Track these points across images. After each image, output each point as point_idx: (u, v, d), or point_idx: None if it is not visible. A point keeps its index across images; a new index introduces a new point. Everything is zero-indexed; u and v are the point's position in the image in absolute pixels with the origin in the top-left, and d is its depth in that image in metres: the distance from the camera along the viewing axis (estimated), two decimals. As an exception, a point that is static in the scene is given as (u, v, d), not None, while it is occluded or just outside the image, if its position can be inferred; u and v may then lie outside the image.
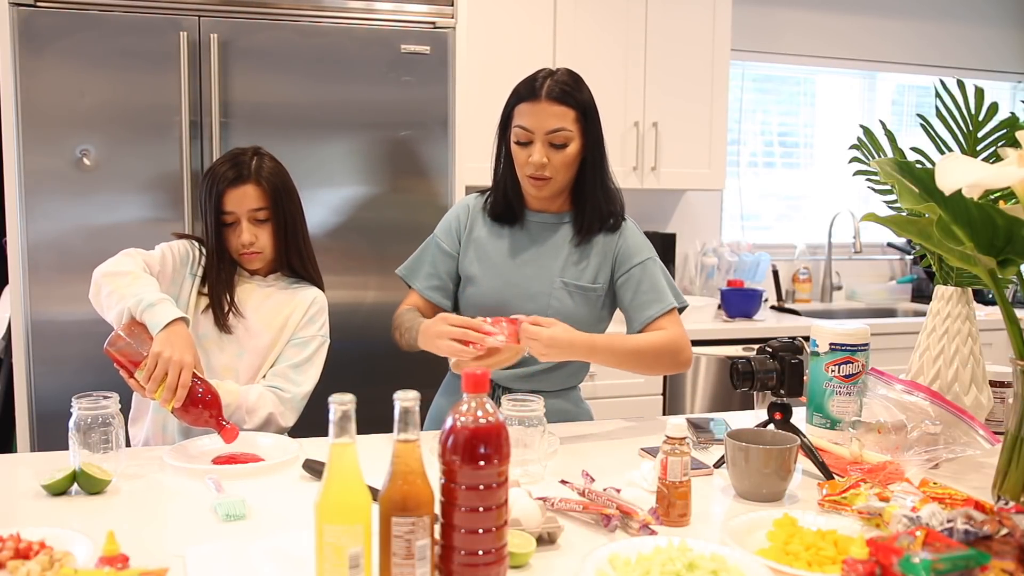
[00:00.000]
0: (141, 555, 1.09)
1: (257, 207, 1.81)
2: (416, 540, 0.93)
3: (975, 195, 1.11)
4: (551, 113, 1.68)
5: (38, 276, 2.35)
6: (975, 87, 1.56)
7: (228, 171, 1.80)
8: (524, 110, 1.70)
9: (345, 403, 0.93)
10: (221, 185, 1.79)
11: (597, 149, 1.75)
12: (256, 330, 1.83)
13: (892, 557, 0.93)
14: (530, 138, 1.70)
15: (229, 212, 1.80)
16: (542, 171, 1.70)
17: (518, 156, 1.73)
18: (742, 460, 1.36)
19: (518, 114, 1.72)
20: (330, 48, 2.50)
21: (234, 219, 1.81)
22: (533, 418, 1.43)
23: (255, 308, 1.85)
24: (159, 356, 1.53)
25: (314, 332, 1.87)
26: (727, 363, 3.07)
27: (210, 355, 1.80)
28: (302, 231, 1.90)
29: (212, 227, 1.81)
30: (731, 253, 3.81)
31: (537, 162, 1.69)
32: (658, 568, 1.03)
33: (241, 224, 1.80)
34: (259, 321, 1.84)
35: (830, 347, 1.58)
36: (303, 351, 1.84)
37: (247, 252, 1.82)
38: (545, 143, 1.69)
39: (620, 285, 1.79)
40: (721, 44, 3.40)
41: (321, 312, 1.90)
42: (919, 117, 1.70)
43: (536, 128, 1.69)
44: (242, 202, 1.80)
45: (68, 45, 2.33)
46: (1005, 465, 1.27)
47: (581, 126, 1.71)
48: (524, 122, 1.70)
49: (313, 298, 1.89)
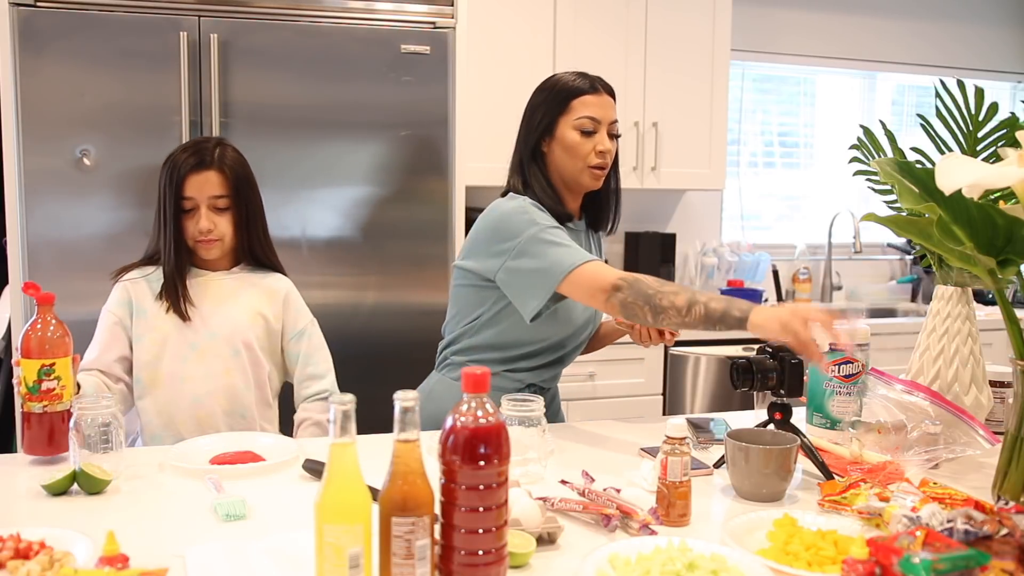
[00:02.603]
0: (141, 555, 1.09)
1: (218, 194, 1.80)
2: (416, 540, 0.93)
3: (975, 195, 1.11)
4: (610, 105, 1.78)
5: (38, 276, 2.35)
6: (975, 87, 1.56)
7: (190, 157, 1.78)
8: (590, 101, 1.76)
9: (345, 403, 0.93)
10: (183, 170, 1.77)
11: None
12: (225, 315, 1.83)
13: (892, 557, 0.93)
14: (597, 127, 1.76)
15: (188, 198, 1.78)
16: (607, 159, 1.77)
17: (582, 147, 1.75)
18: (742, 460, 1.36)
19: (581, 106, 1.75)
20: (330, 48, 2.50)
21: (193, 205, 1.79)
22: (533, 418, 1.43)
23: (222, 297, 1.84)
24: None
25: (305, 322, 1.92)
26: (727, 363, 3.08)
27: (183, 357, 1.80)
28: (262, 223, 1.90)
29: (170, 213, 1.79)
30: (731, 253, 3.81)
31: (608, 148, 1.76)
32: (658, 568, 1.03)
33: (200, 211, 1.79)
34: (229, 307, 1.83)
35: (830, 347, 1.58)
36: (309, 342, 1.91)
37: (205, 239, 1.80)
38: (607, 133, 1.78)
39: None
40: (721, 44, 3.40)
41: (297, 299, 1.93)
42: (919, 117, 1.70)
43: (603, 118, 1.76)
44: (203, 188, 1.78)
45: (68, 45, 2.33)
46: (1005, 465, 1.27)
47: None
48: (592, 112, 1.75)
49: (284, 288, 1.91)
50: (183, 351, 1.80)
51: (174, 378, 1.79)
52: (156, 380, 1.79)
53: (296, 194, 2.49)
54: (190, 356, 1.80)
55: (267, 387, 1.88)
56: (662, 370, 3.14)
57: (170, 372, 1.79)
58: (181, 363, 1.79)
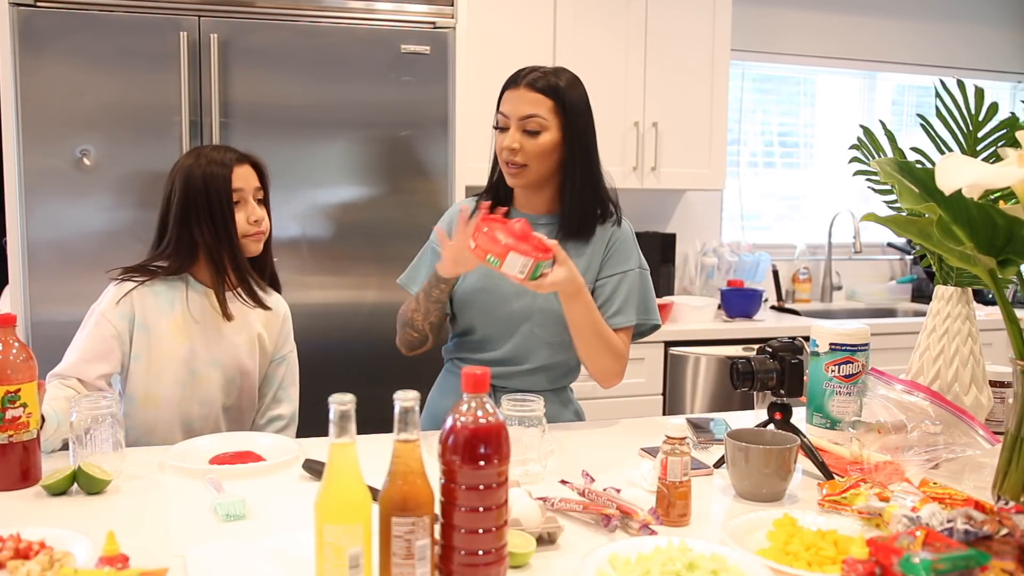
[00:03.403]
0: (141, 555, 1.09)
1: (258, 185, 1.80)
2: (416, 540, 0.93)
3: (975, 195, 1.11)
4: (526, 99, 1.70)
5: (38, 276, 2.35)
6: (975, 87, 1.56)
7: (225, 153, 1.76)
8: (504, 97, 1.74)
9: (345, 403, 0.93)
10: (229, 163, 1.74)
11: (580, 146, 1.73)
12: (229, 342, 1.79)
13: (892, 557, 0.93)
14: (506, 124, 1.72)
15: (238, 189, 1.75)
16: (514, 156, 1.71)
17: (497, 143, 1.75)
18: (742, 460, 1.36)
19: (500, 102, 1.75)
20: (330, 48, 2.50)
21: (241, 197, 1.76)
22: (533, 418, 1.43)
23: (232, 320, 1.79)
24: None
25: (290, 347, 1.93)
26: (727, 363, 3.08)
27: (182, 383, 1.75)
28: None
29: (223, 208, 1.72)
30: (731, 253, 3.80)
31: (508, 145, 1.71)
32: (658, 568, 1.03)
33: (250, 202, 1.77)
34: (233, 331, 1.80)
35: (830, 347, 1.58)
36: (289, 369, 1.91)
37: (257, 231, 1.78)
38: (519, 128, 1.71)
39: (596, 288, 1.79)
40: (721, 44, 3.40)
41: (290, 323, 1.92)
42: (919, 117, 1.70)
43: (511, 113, 1.71)
44: (248, 180, 1.77)
45: (68, 45, 2.33)
46: (1005, 465, 1.27)
47: (560, 118, 1.71)
48: (502, 108, 1.73)
49: (284, 312, 1.90)
50: (182, 375, 1.75)
51: (171, 401, 1.74)
52: (149, 400, 1.74)
53: (296, 194, 2.49)
54: (188, 381, 1.76)
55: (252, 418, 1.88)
56: (662, 370, 3.14)
57: (166, 395, 1.74)
58: (180, 387, 1.75)
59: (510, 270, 1.48)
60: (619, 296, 1.78)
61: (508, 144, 1.71)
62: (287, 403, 1.90)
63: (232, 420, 1.83)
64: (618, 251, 1.80)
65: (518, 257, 1.47)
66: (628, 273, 1.79)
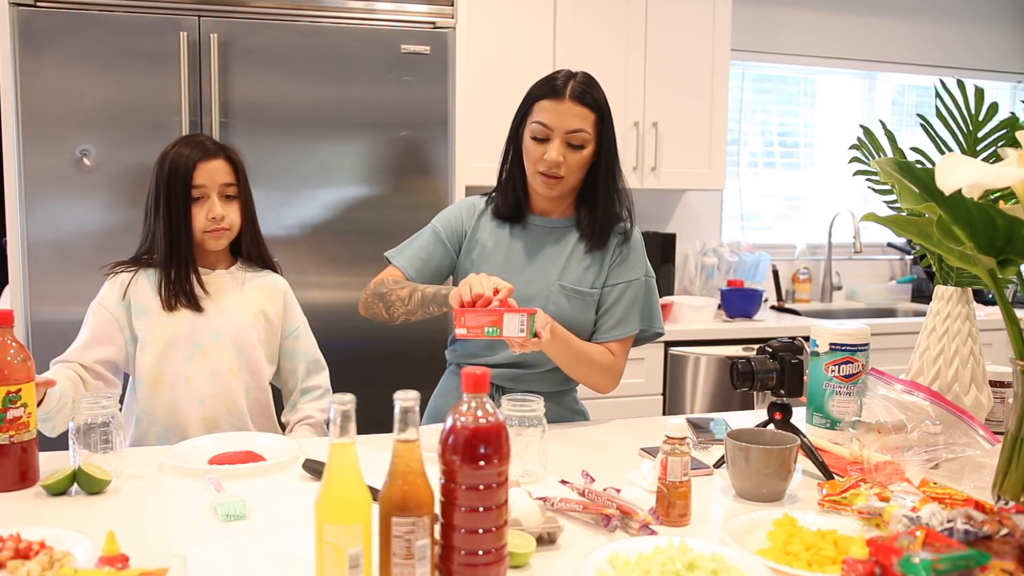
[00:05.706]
0: (141, 555, 1.09)
1: (228, 182, 1.79)
2: (416, 540, 0.93)
3: (975, 195, 1.11)
4: (573, 113, 1.69)
5: (38, 276, 2.35)
6: (975, 87, 1.56)
7: (194, 149, 1.77)
8: (546, 107, 1.71)
9: (345, 403, 0.93)
10: (193, 158, 1.75)
11: (610, 153, 1.75)
12: (229, 315, 1.81)
13: (892, 557, 0.93)
14: (548, 135, 1.70)
15: (199, 186, 1.76)
16: (557, 169, 1.71)
17: (532, 152, 1.73)
18: (742, 460, 1.36)
19: (538, 110, 1.72)
20: (330, 48, 2.50)
21: (202, 194, 1.77)
22: (533, 418, 1.43)
23: (223, 295, 1.82)
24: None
25: (301, 320, 1.94)
26: (727, 363, 3.08)
27: (188, 356, 1.77)
28: (255, 215, 1.90)
29: (179, 203, 1.75)
30: (731, 253, 3.80)
31: (553, 160, 1.69)
32: (658, 568, 1.03)
33: (211, 198, 1.77)
34: (232, 306, 1.82)
35: (830, 347, 1.58)
36: (308, 340, 1.94)
37: (216, 228, 1.78)
38: (563, 142, 1.70)
39: (601, 295, 1.80)
40: (721, 44, 3.40)
41: (293, 297, 1.95)
42: (919, 117, 1.70)
43: (557, 126, 1.69)
44: (214, 176, 1.77)
45: (68, 45, 2.33)
46: (1005, 465, 1.27)
47: (598, 130, 1.72)
48: (545, 119, 1.70)
49: (283, 286, 1.92)
50: (187, 350, 1.77)
51: (178, 378, 1.77)
52: (160, 381, 1.76)
53: (296, 194, 2.49)
54: (194, 355, 1.78)
55: (267, 389, 1.88)
56: (662, 370, 3.14)
57: (174, 372, 1.76)
58: (185, 363, 1.77)
59: (510, 332, 1.50)
60: (621, 306, 1.79)
61: (553, 157, 1.69)
62: (320, 374, 1.94)
63: (246, 396, 1.82)
64: (626, 259, 1.81)
65: (514, 316, 1.49)
66: (633, 283, 1.80)
